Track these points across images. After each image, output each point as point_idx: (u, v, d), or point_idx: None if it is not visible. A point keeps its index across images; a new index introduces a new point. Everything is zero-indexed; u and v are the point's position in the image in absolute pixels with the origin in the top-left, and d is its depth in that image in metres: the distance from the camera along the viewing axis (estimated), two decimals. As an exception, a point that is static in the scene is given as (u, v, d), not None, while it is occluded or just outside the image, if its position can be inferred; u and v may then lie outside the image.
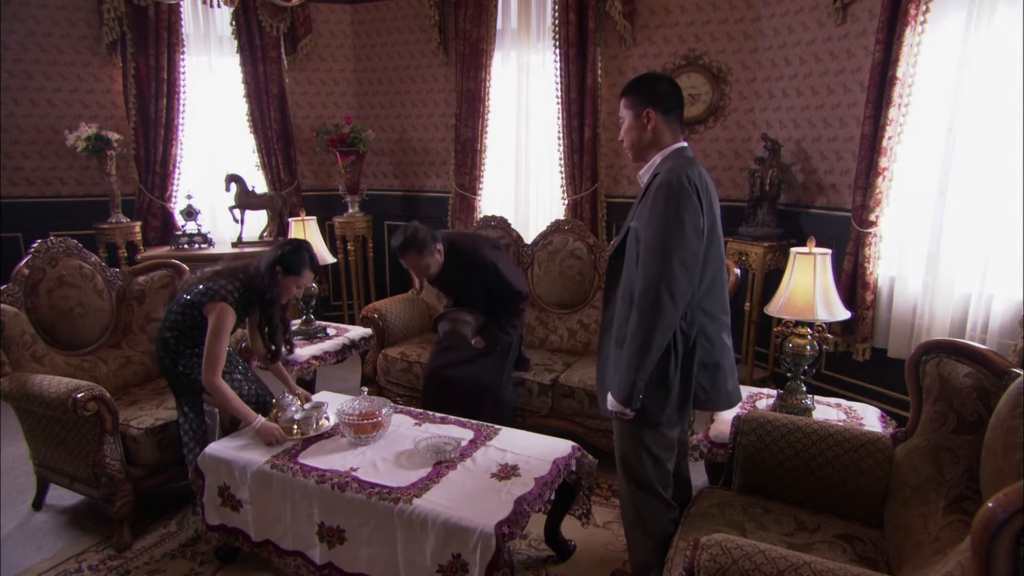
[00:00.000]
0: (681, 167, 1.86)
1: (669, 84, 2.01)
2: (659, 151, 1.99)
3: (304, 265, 2.65)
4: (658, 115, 1.96)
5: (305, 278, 2.68)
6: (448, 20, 5.19)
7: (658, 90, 1.97)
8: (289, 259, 2.61)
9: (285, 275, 2.62)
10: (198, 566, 2.54)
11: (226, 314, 2.51)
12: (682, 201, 1.80)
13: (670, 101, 1.98)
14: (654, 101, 1.96)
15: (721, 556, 1.52)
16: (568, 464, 2.36)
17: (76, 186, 5.18)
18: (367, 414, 2.48)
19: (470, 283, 3.27)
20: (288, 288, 2.66)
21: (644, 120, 1.97)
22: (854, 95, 3.72)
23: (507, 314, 3.25)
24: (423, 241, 3.10)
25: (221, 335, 2.49)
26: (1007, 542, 1.20)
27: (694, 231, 1.81)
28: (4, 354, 2.74)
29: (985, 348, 1.83)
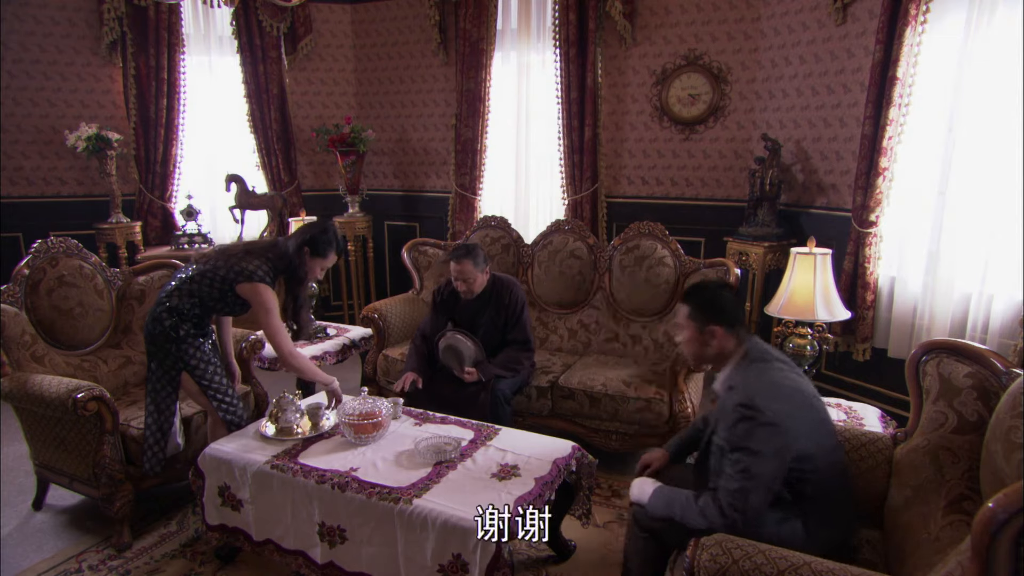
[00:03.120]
0: (757, 388, 1.75)
1: (731, 294, 1.98)
2: (725, 363, 1.92)
3: (331, 247, 2.68)
4: (723, 330, 1.89)
5: (330, 260, 2.71)
6: (448, 20, 5.19)
7: (723, 306, 1.92)
8: (318, 241, 2.64)
9: (312, 256, 2.64)
10: (198, 566, 2.54)
11: (267, 292, 2.54)
12: (761, 432, 1.71)
13: (733, 314, 1.92)
14: (719, 317, 1.90)
15: (721, 556, 1.52)
16: (568, 464, 2.36)
17: (76, 186, 5.18)
18: (367, 414, 2.48)
19: (496, 315, 3.26)
20: (314, 269, 2.68)
21: (708, 336, 1.91)
22: (854, 95, 3.72)
23: (510, 359, 3.20)
24: (482, 255, 3.22)
25: (273, 310, 2.53)
26: (1007, 542, 1.20)
27: (776, 455, 1.72)
28: (4, 354, 2.74)
29: (985, 348, 1.83)
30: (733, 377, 1.88)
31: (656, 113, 4.73)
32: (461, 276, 3.17)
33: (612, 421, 3.16)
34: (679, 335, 2.03)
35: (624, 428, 3.15)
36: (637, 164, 4.88)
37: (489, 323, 3.27)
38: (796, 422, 1.73)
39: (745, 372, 1.84)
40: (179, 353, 2.55)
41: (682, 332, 2.00)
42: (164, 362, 2.59)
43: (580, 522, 2.52)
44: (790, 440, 1.72)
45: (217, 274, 2.53)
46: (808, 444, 1.75)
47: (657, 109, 4.71)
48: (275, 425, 2.54)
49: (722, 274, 3.45)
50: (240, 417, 2.66)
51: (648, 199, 4.89)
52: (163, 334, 2.54)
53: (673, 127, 4.70)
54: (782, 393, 1.77)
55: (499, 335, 3.28)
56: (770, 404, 1.72)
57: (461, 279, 3.18)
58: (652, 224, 3.74)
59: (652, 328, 3.66)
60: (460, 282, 3.19)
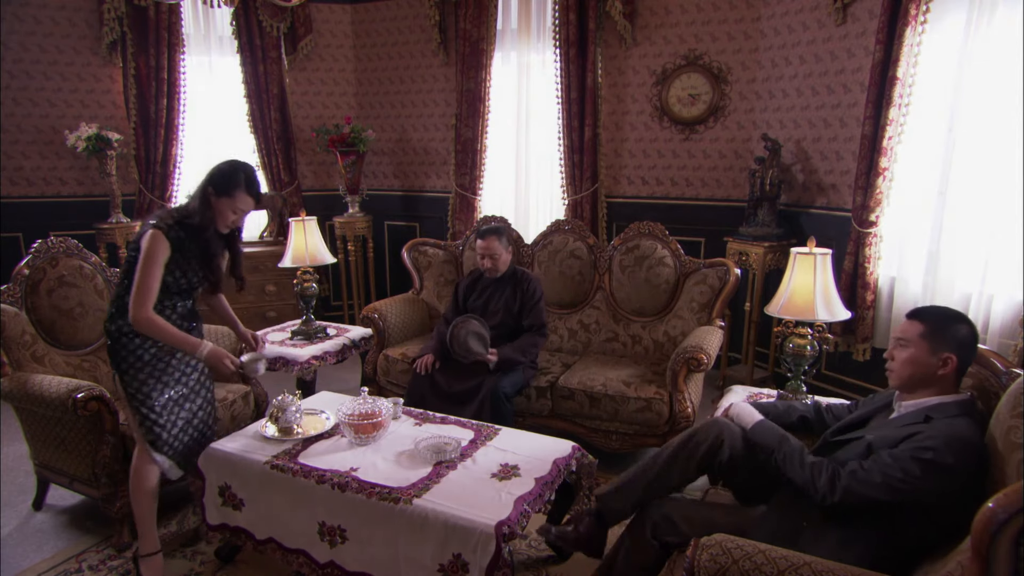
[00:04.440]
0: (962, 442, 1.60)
1: (972, 331, 1.78)
2: (937, 395, 1.76)
3: (237, 186, 2.31)
4: (957, 364, 1.74)
5: (239, 201, 2.33)
6: (448, 20, 5.19)
7: (970, 340, 1.76)
8: (219, 179, 2.31)
9: (217, 197, 2.31)
10: (198, 566, 2.54)
11: (156, 240, 2.21)
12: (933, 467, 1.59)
13: (970, 357, 1.78)
14: (959, 348, 1.74)
15: (721, 556, 1.52)
16: (568, 464, 2.36)
17: (76, 186, 5.18)
18: (367, 414, 2.48)
19: (512, 300, 3.34)
20: (223, 213, 2.33)
21: (939, 363, 1.74)
22: (854, 95, 3.72)
23: (527, 343, 3.26)
24: (508, 235, 3.32)
25: (150, 263, 2.20)
26: (1007, 542, 1.20)
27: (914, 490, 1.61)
28: (4, 354, 2.74)
29: (985, 348, 1.83)
30: (935, 411, 1.72)
31: (656, 113, 4.73)
32: (488, 252, 3.27)
33: (612, 421, 3.16)
34: (898, 352, 1.83)
35: (624, 428, 3.14)
36: (637, 164, 4.88)
37: (504, 308, 3.34)
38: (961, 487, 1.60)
39: (956, 417, 1.68)
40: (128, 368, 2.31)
41: (905, 350, 1.80)
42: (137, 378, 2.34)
43: (580, 522, 2.52)
44: (937, 496, 1.60)
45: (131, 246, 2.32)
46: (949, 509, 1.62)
47: (657, 109, 4.71)
48: (275, 425, 2.54)
49: (722, 274, 3.45)
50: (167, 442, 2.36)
51: (648, 199, 4.89)
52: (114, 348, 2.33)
53: (673, 127, 4.70)
54: (976, 459, 1.61)
55: (513, 320, 3.33)
56: (960, 456, 1.59)
57: (488, 255, 3.29)
58: (652, 224, 3.74)
59: (652, 328, 3.66)
60: (487, 259, 3.30)
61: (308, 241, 3.84)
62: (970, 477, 1.59)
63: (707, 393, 3.84)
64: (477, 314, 3.35)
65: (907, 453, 1.62)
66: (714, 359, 3.08)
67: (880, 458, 1.67)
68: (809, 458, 1.81)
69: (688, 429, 2.10)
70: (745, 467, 2.00)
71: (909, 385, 1.81)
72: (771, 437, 1.96)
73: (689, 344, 3.03)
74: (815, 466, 1.76)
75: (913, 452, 1.62)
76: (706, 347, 3.00)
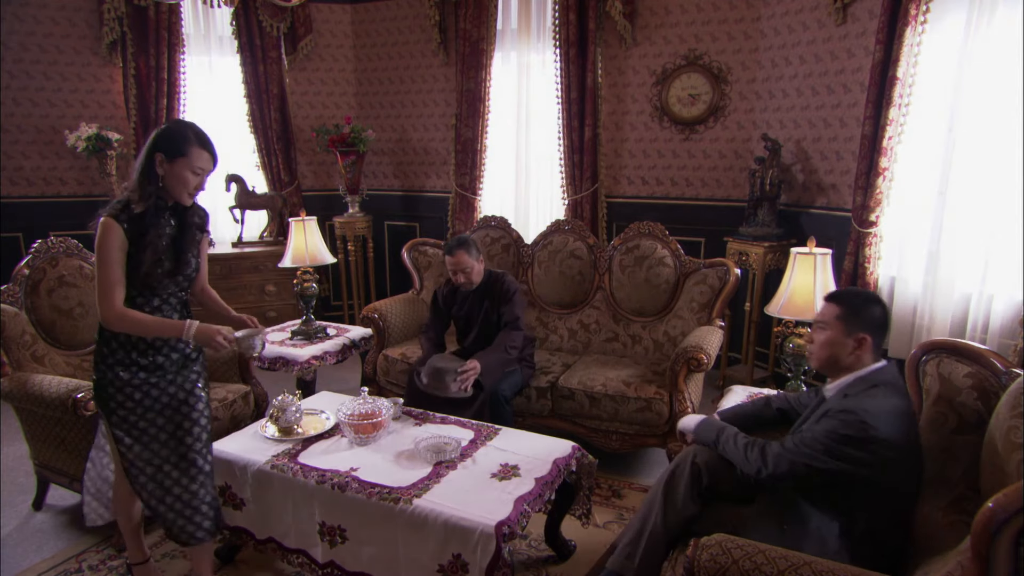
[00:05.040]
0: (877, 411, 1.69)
1: (886, 313, 1.92)
2: (852, 373, 1.87)
3: (189, 142, 2.02)
4: (871, 342, 1.85)
5: (196, 158, 2.03)
6: (448, 20, 5.19)
7: (880, 319, 1.88)
8: (167, 141, 2.01)
9: (170, 161, 2.00)
10: (198, 566, 2.54)
11: (107, 230, 1.94)
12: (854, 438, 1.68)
13: (883, 334, 1.88)
14: (872, 329, 1.85)
15: (721, 556, 1.52)
16: (568, 464, 2.36)
17: (76, 186, 5.18)
18: (367, 414, 2.48)
19: (492, 308, 3.27)
20: (183, 178, 2.02)
21: (854, 343, 1.85)
22: (854, 95, 3.72)
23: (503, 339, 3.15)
24: (474, 245, 3.18)
25: (104, 256, 1.95)
26: (1007, 542, 1.20)
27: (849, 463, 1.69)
28: (4, 354, 2.74)
29: (985, 348, 1.83)
30: (852, 388, 1.83)
31: (656, 113, 4.73)
32: (458, 268, 3.15)
33: (612, 421, 3.16)
34: (817, 334, 1.93)
35: (624, 428, 3.14)
36: (637, 164, 4.88)
37: (486, 317, 3.29)
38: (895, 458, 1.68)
39: (868, 391, 1.78)
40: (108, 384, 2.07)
41: (823, 332, 1.91)
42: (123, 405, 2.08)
43: (580, 522, 2.52)
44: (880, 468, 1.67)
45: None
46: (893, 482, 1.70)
47: (657, 109, 4.71)
48: (275, 425, 2.54)
49: (722, 274, 3.45)
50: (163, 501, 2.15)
51: (648, 199, 4.89)
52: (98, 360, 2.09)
53: (673, 127, 4.70)
54: (899, 425, 1.70)
55: (497, 328, 3.29)
56: (881, 428, 1.67)
57: (459, 271, 3.16)
58: (652, 224, 3.74)
59: (652, 328, 3.66)
60: (459, 274, 3.17)
61: (308, 241, 3.85)
62: (888, 447, 1.67)
63: (707, 393, 3.84)
64: (461, 324, 3.36)
65: (823, 426, 1.76)
66: (714, 359, 3.08)
67: (802, 433, 1.81)
68: (743, 439, 1.92)
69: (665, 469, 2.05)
70: (727, 476, 1.96)
71: (828, 366, 1.92)
72: (711, 431, 2.05)
73: (689, 344, 3.03)
74: (748, 445, 1.88)
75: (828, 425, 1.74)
76: (706, 347, 3.00)
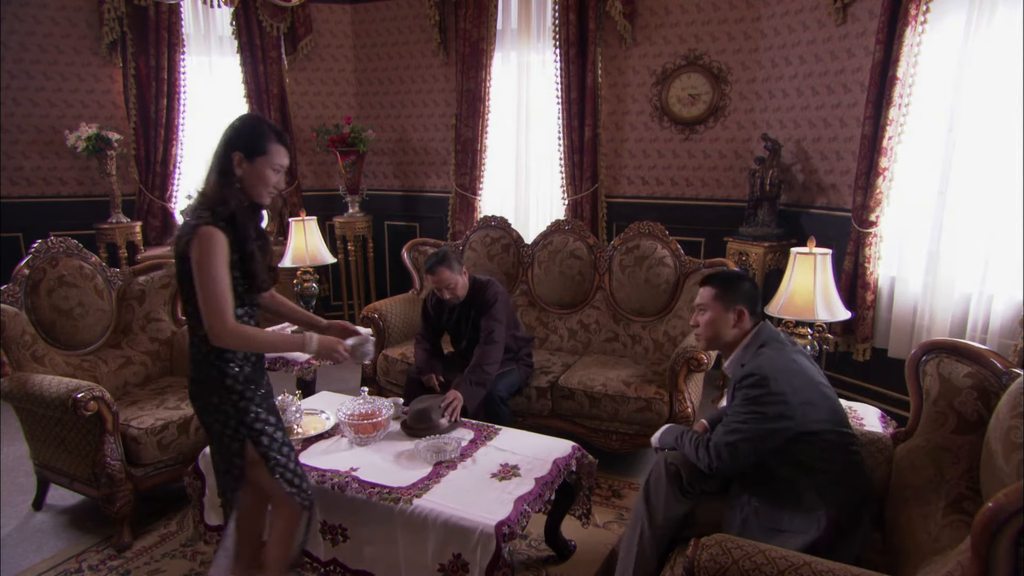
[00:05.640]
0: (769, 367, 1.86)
1: (754, 284, 2.11)
2: (736, 347, 2.03)
3: (268, 139, 1.90)
4: (747, 313, 2.01)
5: (275, 155, 1.91)
6: (448, 20, 5.19)
7: (749, 290, 2.04)
8: (246, 138, 1.89)
9: (250, 160, 1.88)
10: (198, 566, 2.54)
11: (212, 239, 1.77)
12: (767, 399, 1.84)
13: (756, 298, 2.05)
14: (745, 300, 2.01)
15: (721, 556, 1.52)
16: (568, 464, 2.36)
17: (76, 186, 5.18)
18: (367, 414, 2.48)
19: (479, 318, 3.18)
20: (264, 176, 1.90)
21: (732, 317, 2.01)
22: (854, 95, 3.72)
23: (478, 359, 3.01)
24: (454, 258, 3.09)
25: (213, 267, 1.77)
26: (1007, 542, 1.20)
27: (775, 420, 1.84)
28: (4, 354, 2.74)
29: (985, 348, 1.83)
30: (744, 357, 1.98)
31: (656, 113, 4.73)
32: (442, 284, 3.08)
33: (612, 421, 3.16)
34: (700, 316, 2.07)
35: (624, 428, 3.14)
36: (637, 164, 4.88)
37: (475, 326, 3.22)
38: (802, 400, 1.84)
39: (757, 352, 1.94)
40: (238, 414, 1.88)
41: (704, 313, 2.06)
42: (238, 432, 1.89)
43: (580, 522, 2.52)
44: (795, 415, 1.82)
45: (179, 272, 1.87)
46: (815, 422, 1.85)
47: (657, 109, 4.71)
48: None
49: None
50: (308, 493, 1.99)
51: (648, 199, 4.89)
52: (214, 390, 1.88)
53: (673, 127, 4.70)
54: (792, 373, 1.87)
55: None
56: (779, 380, 1.83)
57: (443, 287, 3.09)
58: (652, 224, 3.74)
59: (652, 328, 3.66)
60: (444, 291, 3.10)
61: (308, 241, 3.85)
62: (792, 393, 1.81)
63: (707, 393, 3.84)
64: (452, 333, 3.34)
65: (736, 400, 1.90)
66: (714, 359, 3.08)
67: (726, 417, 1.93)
68: (693, 438, 2.00)
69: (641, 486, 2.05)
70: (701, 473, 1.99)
71: (715, 342, 2.07)
72: (671, 436, 2.13)
73: (689, 344, 3.03)
74: (697, 443, 1.97)
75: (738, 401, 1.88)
76: (706, 347, 3.00)
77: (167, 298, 3.43)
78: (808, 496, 1.82)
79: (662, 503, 1.95)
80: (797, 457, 1.84)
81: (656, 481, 1.98)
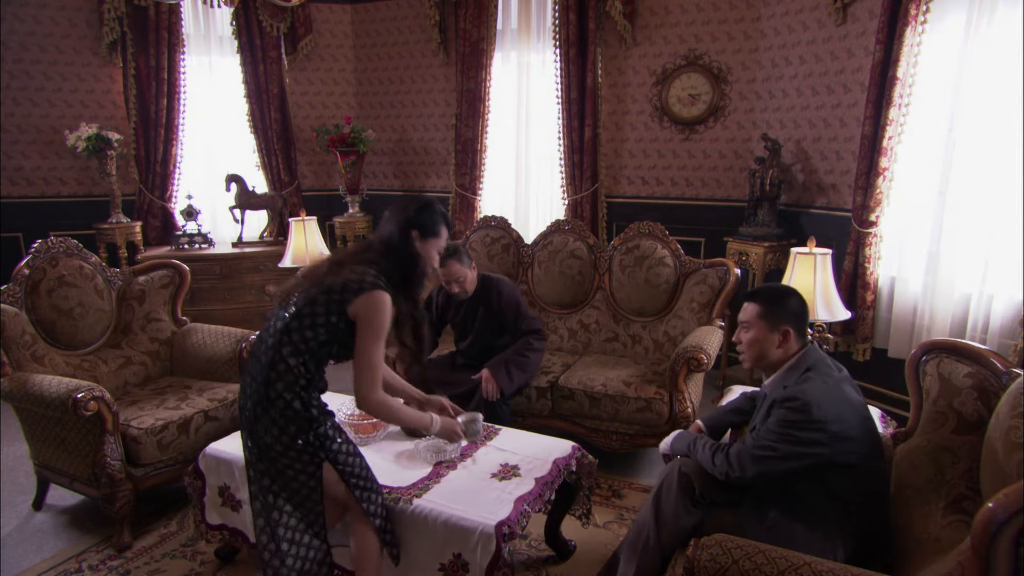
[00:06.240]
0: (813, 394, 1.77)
1: (803, 303, 1.99)
2: (781, 367, 1.95)
3: (440, 223, 2.07)
4: (794, 333, 1.92)
5: (443, 238, 2.10)
6: (448, 20, 5.19)
7: (797, 309, 1.95)
8: (424, 219, 2.02)
9: (424, 240, 2.03)
10: (198, 566, 2.54)
11: (382, 304, 1.85)
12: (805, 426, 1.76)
13: (804, 319, 1.96)
14: (793, 320, 1.92)
15: (721, 556, 1.52)
16: (568, 464, 2.36)
17: (76, 186, 5.17)
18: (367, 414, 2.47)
19: (488, 315, 3.24)
20: (430, 256, 2.06)
21: (778, 337, 1.93)
22: (854, 95, 3.72)
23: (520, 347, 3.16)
24: (465, 252, 3.15)
25: (381, 335, 1.88)
26: (1007, 542, 1.20)
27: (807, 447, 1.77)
28: (4, 354, 2.74)
29: (985, 348, 1.83)
30: (788, 379, 1.90)
31: (656, 113, 4.73)
32: (452, 277, 3.12)
33: (612, 421, 3.16)
34: (743, 334, 1.99)
35: (624, 428, 3.14)
36: (637, 164, 4.88)
37: (483, 324, 3.27)
38: (843, 430, 1.75)
39: (803, 376, 1.86)
40: (320, 441, 1.88)
41: (748, 331, 1.97)
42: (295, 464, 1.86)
43: (580, 522, 2.52)
44: (831, 444, 1.74)
45: (318, 308, 1.87)
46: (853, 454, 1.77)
47: (657, 109, 4.71)
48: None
49: (722, 274, 3.45)
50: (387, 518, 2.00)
51: (648, 199, 4.89)
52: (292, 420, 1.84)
53: (673, 127, 4.70)
54: (838, 402, 1.79)
55: (493, 335, 3.27)
56: (823, 407, 1.75)
57: (453, 280, 3.13)
58: (652, 224, 3.74)
59: (652, 328, 3.66)
60: (453, 284, 3.14)
61: (308, 241, 3.85)
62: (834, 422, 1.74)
63: (707, 393, 3.84)
64: (458, 330, 3.36)
65: (773, 418, 1.81)
66: (714, 359, 3.08)
67: (757, 430, 1.86)
68: (710, 446, 1.96)
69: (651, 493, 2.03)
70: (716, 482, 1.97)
71: (759, 362, 1.98)
72: (683, 442, 2.09)
73: (689, 344, 3.03)
74: (714, 450, 1.92)
75: (777, 415, 1.80)
76: (706, 347, 3.00)
77: (167, 298, 3.43)
78: (828, 524, 1.77)
79: (672, 514, 1.91)
80: (826, 484, 1.78)
81: (668, 490, 1.94)
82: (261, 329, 2.08)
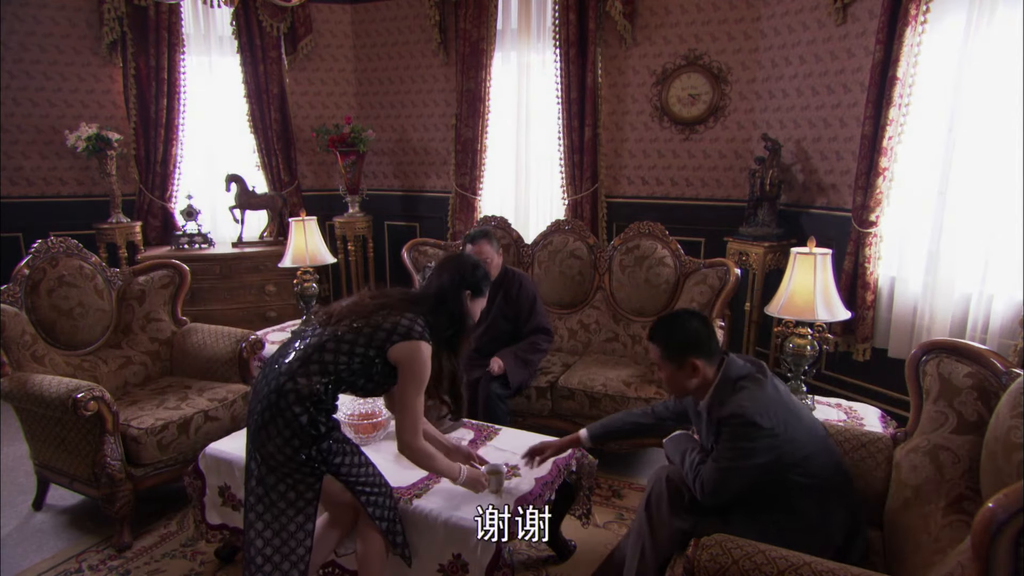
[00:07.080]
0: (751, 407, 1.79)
1: (702, 323, 1.95)
2: (707, 390, 1.92)
3: (486, 284, 2.19)
4: (703, 362, 1.89)
5: (486, 296, 2.22)
6: (448, 20, 5.19)
7: (697, 338, 1.90)
8: (474, 280, 2.12)
9: (474, 299, 2.14)
10: (198, 566, 2.55)
11: (425, 356, 1.93)
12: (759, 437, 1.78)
13: (708, 343, 1.90)
14: (696, 350, 1.89)
15: (721, 556, 1.52)
16: (568, 464, 2.36)
17: (76, 186, 5.17)
18: (367, 414, 2.48)
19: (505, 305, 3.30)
20: (476, 312, 2.18)
21: (689, 371, 1.90)
22: (854, 95, 3.72)
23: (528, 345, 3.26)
24: (495, 237, 3.25)
25: (422, 385, 1.94)
26: (1007, 542, 1.20)
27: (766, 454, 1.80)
28: (4, 354, 2.74)
29: (985, 348, 1.83)
30: (720, 395, 1.89)
31: (656, 113, 4.73)
32: (480, 257, 3.16)
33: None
34: (660, 373, 2.00)
35: (624, 428, 3.14)
36: (637, 164, 4.88)
37: (499, 312, 3.31)
38: (788, 429, 1.81)
39: (735, 389, 1.86)
40: (322, 456, 1.90)
41: (661, 371, 1.97)
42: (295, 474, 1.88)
43: (580, 522, 2.52)
44: (783, 447, 1.79)
45: (359, 339, 1.90)
46: (803, 445, 1.83)
47: (657, 109, 4.71)
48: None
49: (722, 274, 3.45)
50: (395, 520, 2.01)
51: (648, 199, 4.89)
52: (299, 435, 1.84)
53: (673, 127, 4.70)
54: (774, 404, 1.83)
55: (508, 325, 3.31)
56: (767, 416, 1.78)
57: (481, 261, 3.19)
58: (652, 224, 3.74)
59: (652, 328, 3.66)
60: None
61: (308, 241, 3.85)
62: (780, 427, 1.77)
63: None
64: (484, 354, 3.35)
65: (723, 437, 1.82)
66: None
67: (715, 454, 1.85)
68: (694, 463, 1.92)
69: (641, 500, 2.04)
70: None
71: (684, 395, 1.99)
72: (679, 451, 2.05)
73: (689, 344, 3.02)
74: (693, 467, 1.91)
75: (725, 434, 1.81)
76: (706, 347, 3.00)
77: (167, 298, 3.43)
78: (808, 514, 1.81)
79: (664, 520, 1.93)
80: (792, 480, 1.82)
81: (658, 497, 1.96)
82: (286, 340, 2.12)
